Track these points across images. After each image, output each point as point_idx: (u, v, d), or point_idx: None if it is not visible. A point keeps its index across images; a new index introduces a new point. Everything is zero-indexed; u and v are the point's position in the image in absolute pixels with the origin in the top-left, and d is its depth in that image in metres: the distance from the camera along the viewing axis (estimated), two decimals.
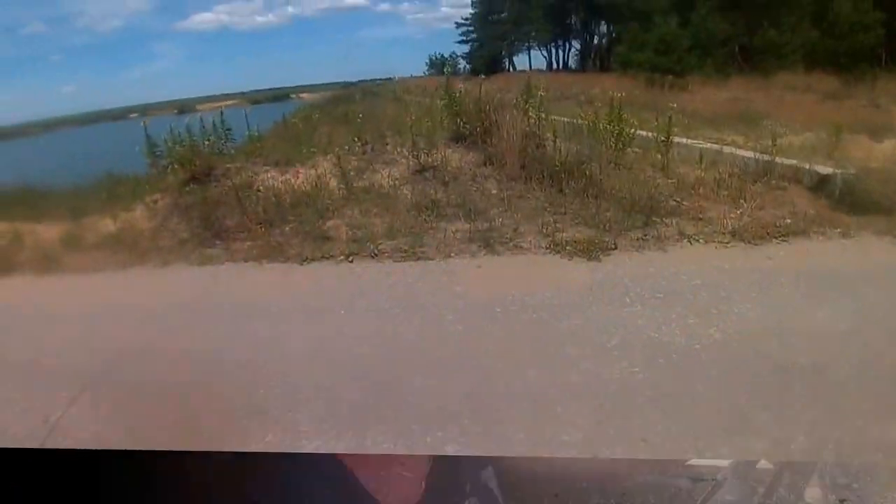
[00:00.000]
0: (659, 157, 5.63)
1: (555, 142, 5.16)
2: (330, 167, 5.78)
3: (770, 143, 5.73)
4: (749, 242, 3.92)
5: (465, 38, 36.21)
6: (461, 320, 3.09)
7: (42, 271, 4.52)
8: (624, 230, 4.17)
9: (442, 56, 38.07)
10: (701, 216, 4.29)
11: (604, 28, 30.72)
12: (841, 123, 6.49)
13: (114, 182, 6.01)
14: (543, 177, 5.00)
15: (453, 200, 4.95)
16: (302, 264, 4.24)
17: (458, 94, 6.13)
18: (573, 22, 32.39)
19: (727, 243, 3.95)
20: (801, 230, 4.02)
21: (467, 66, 36.86)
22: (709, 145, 6.30)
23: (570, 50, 33.59)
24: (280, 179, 5.66)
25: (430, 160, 5.60)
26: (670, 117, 5.36)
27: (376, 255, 4.29)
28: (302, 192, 5.35)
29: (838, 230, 4.04)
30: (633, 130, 5.46)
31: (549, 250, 4.05)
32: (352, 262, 4.25)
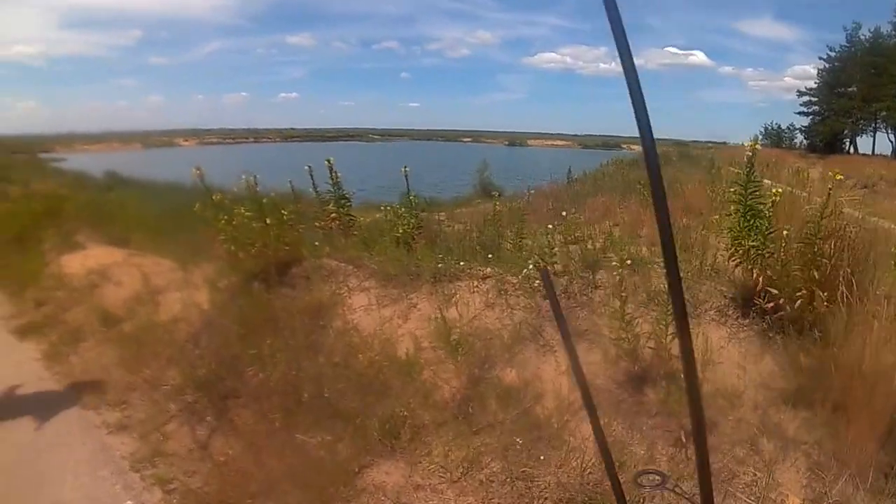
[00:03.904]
0: None
1: None
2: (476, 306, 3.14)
3: None
4: None
5: (805, 109, 30.81)
6: None
7: None
8: None
9: (778, 127, 32.21)
10: None
11: None
12: None
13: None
14: None
15: None
16: None
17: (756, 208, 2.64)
18: None
19: None
20: None
21: (804, 142, 30.99)
22: None
23: None
24: (378, 316, 3.29)
25: (663, 355, 2.41)
26: None
27: None
28: (392, 360, 2.92)
29: None
30: None
31: None
32: None
